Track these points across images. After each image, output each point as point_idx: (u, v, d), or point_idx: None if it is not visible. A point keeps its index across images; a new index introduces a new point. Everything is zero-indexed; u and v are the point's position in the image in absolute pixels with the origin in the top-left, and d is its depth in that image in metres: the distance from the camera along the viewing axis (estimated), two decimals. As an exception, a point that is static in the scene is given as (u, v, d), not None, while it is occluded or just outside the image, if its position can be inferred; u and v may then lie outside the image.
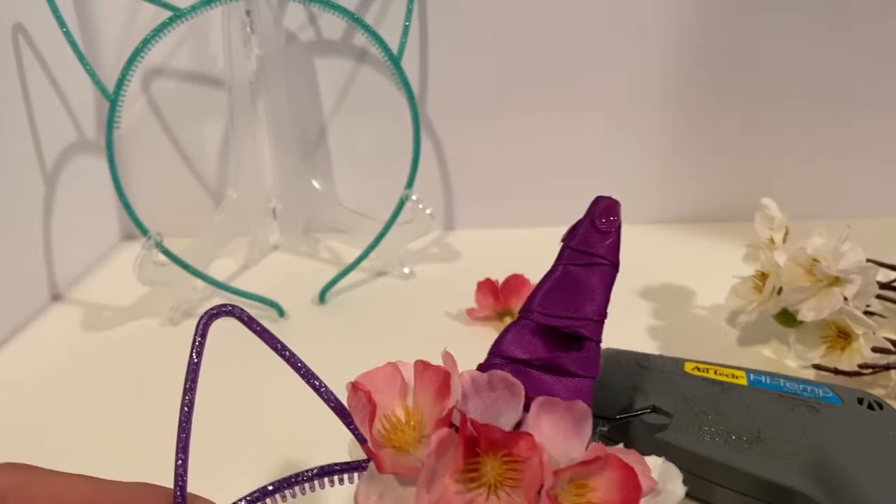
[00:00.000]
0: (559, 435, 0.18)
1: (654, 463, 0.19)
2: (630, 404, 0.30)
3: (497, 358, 0.21)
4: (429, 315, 0.48)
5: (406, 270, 0.54)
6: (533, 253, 0.55)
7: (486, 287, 0.46)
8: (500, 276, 0.46)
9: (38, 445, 0.37)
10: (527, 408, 0.19)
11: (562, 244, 0.23)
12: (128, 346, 0.46)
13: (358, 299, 0.51)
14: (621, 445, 0.19)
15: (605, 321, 0.22)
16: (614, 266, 0.22)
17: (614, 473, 0.17)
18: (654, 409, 0.29)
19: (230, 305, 0.20)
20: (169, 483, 0.20)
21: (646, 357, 0.33)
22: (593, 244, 0.22)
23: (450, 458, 0.17)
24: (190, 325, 0.48)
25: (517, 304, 0.46)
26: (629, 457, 0.18)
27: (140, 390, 0.41)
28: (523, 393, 0.19)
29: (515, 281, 0.46)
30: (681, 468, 0.28)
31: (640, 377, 0.31)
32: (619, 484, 0.17)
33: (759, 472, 0.27)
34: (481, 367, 0.21)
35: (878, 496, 0.25)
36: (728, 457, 0.27)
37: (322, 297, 0.50)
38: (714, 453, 0.28)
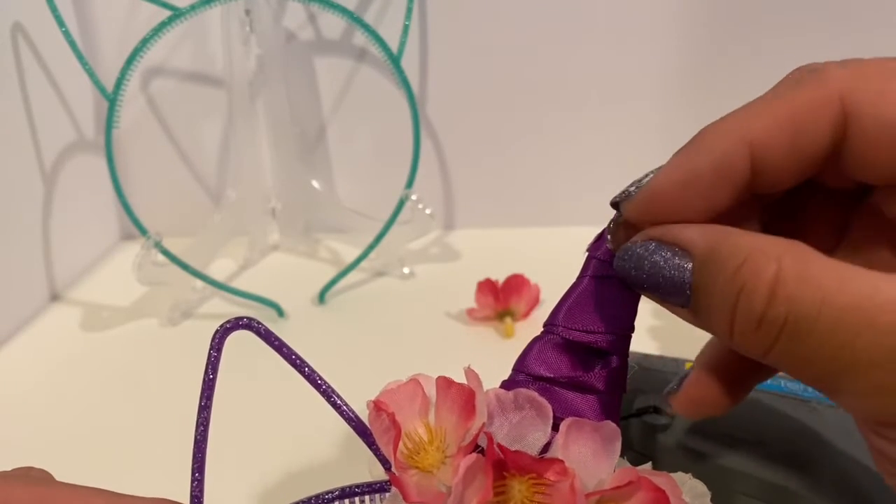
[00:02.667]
0: (588, 456, 0.18)
1: (682, 479, 0.19)
2: (630, 405, 0.30)
3: (521, 374, 0.20)
4: (429, 315, 0.48)
5: (406, 270, 0.54)
6: (533, 253, 0.55)
7: (486, 287, 0.46)
8: (500, 276, 0.46)
9: (37, 446, 0.37)
10: (553, 426, 0.18)
11: (587, 254, 0.22)
12: (127, 346, 0.46)
13: (358, 299, 0.51)
14: (649, 465, 0.18)
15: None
16: None
17: (645, 496, 0.17)
18: (655, 410, 0.29)
19: (247, 318, 0.19)
20: (174, 491, 0.19)
21: (646, 357, 0.33)
22: None
23: (478, 484, 0.17)
24: (189, 325, 0.48)
25: (517, 304, 0.46)
26: (660, 479, 0.17)
27: (139, 390, 0.41)
28: (551, 414, 0.18)
29: (515, 281, 0.46)
30: (681, 469, 0.28)
31: (640, 377, 0.31)
32: None
33: (760, 473, 0.27)
34: (505, 384, 0.20)
35: (879, 497, 0.25)
36: (729, 458, 0.27)
37: (322, 297, 0.50)
38: (715, 454, 0.28)
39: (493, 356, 0.44)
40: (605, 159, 0.59)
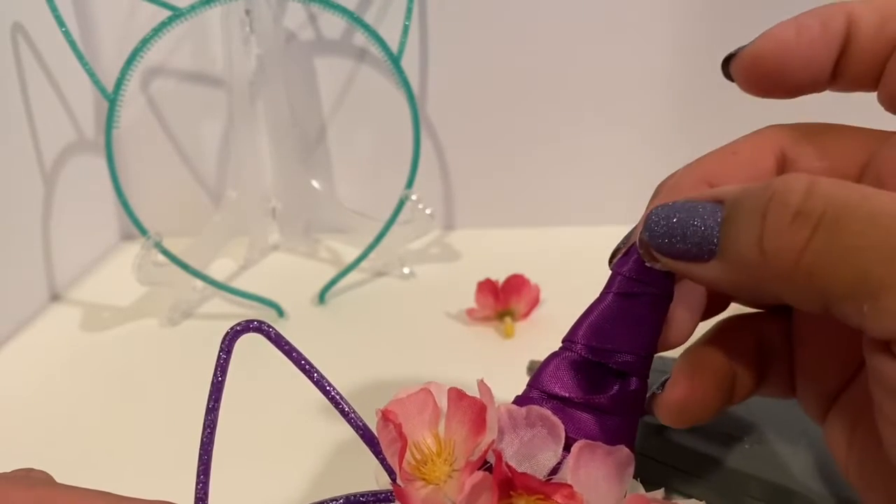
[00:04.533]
0: (598, 481, 0.17)
1: None
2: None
3: (535, 391, 0.20)
4: (429, 315, 0.48)
5: (406, 270, 0.54)
6: (533, 253, 0.56)
7: (486, 287, 0.46)
8: (500, 276, 0.46)
9: (37, 446, 0.37)
10: (565, 446, 0.18)
11: (612, 270, 0.21)
12: (127, 346, 0.46)
13: (358, 299, 0.51)
14: (661, 492, 0.18)
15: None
16: (668, 297, 0.20)
17: None
18: (655, 410, 0.29)
19: (257, 321, 0.19)
20: (174, 493, 0.19)
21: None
22: (647, 271, 0.20)
23: (483, 502, 0.17)
24: (190, 326, 0.48)
25: (517, 305, 0.46)
26: None
27: (139, 391, 0.41)
28: (564, 435, 0.18)
29: (515, 281, 0.46)
30: (681, 469, 0.28)
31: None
32: None
33: (760, 472, 0.27)
34: (518, 400, 0.20)
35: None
36: (729, 458, 0.27)
37: (322, 298, 0.50)
38: (714, 454, 0.28)
39: (493, 356, 0.44)
40: (605, 159, 0.59)
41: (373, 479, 0.20)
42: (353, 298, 0.51)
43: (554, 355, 0.20)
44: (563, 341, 0.21)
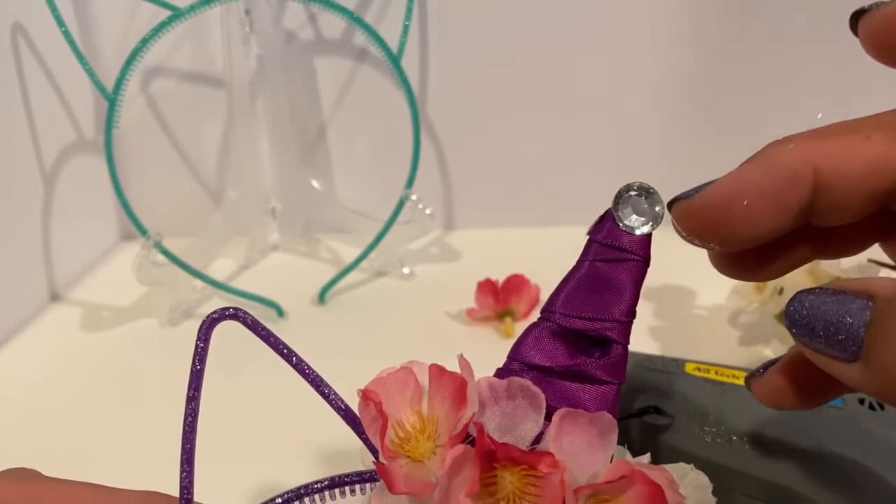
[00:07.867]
0: (582, 448, 0.17)
1: (683, 470, 0.19)
2: (630, 405, 0.30)
3: (515, 363, 0.20)
4: (429, 315, 0.48)
5: (406, 270, 0.54)
6: (533, 253, 0.55)
7: (486, 287, 0.46)
8: (500, 276, 0.46)
9: (37, 446, 0.37)
10: (547, 416, 0.18)
11: (587, 238, 0.21)
12: (127, 346, 0.46)
13: (357, 299, 0.51)
14: (648, 457, 0.18)
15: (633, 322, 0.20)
16: (645, 262, 0.20)
17: (640, 490, 0.16)
18: (655, 410, 0.29)
19: (233, 308, 0.19)
20: (172, 490, 0.19)
21: (647, 357, 0.33)
22: (622, 237, 0.20)
23: (465, 475, 0.17)
24: (189, 326, 0.48)
25: (517, 304, 0.46)
26: (655, 473, 0.17)
27: (139, 391, 0.41)
28: (544, 404, 0.18)
29: (515, 281, 0.46)
30: (681, 469, 0.28)
31: (640, 378, 0.31)
32: (644, 501, 0.16)
33: (760, 472, 0.27)
34: (499, 373, 0.20)
35: (879, 497, 0.25)
36: (729, 458, 0.27)
37: (322, 297, 0.50)
38: (715, 454, 0.28)
39: (493, 356, 0.43)
40: (605, 160, 0.59)
41: (358, 460, 0.20)
42: (353, 298, 0.51)
43: (533, 326, 0.20)
44: (541, 312, 0.20)
